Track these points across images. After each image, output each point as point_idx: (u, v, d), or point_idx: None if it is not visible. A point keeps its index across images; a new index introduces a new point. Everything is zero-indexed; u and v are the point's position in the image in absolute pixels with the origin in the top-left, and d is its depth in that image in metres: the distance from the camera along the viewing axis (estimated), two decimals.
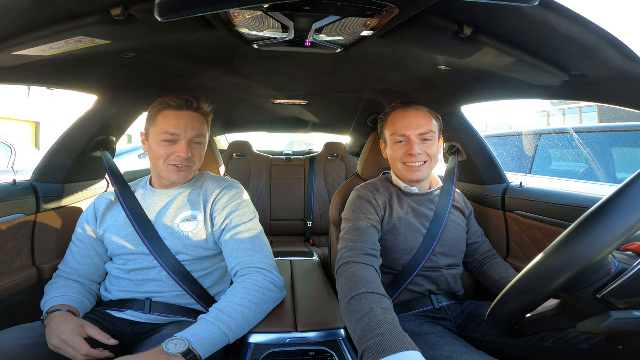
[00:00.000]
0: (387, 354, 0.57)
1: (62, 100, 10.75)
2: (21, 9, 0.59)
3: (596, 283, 0.51)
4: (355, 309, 0.72)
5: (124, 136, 1.46)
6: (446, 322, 1.02)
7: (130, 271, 0.98)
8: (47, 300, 0.92)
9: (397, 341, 0.59)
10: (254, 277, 0.89)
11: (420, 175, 1.06)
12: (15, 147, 3.56)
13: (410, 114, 1.06)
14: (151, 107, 1.02)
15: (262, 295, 0.87)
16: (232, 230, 0.98)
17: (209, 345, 0.75)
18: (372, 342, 0.61)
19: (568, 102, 12.90)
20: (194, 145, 1.00)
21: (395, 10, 0.60)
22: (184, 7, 0.52)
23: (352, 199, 1.09)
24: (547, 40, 0.66)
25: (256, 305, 0.85)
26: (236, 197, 1.04)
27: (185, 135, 0.97)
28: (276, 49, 0.85)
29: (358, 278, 0.80)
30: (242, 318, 0.81)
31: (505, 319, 0.62)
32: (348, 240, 0.96)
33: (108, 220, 1.04)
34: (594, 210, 0.48)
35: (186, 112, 0.98)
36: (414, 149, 1.02)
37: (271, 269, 0.94)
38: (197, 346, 0.72)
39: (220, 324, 0.78)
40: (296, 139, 9.11)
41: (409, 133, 1.04)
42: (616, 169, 2.44)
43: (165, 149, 0.97)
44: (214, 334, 0.76)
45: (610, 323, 0.47)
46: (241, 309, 0.82)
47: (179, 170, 0.99)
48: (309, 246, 2.32)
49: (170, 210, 1.02)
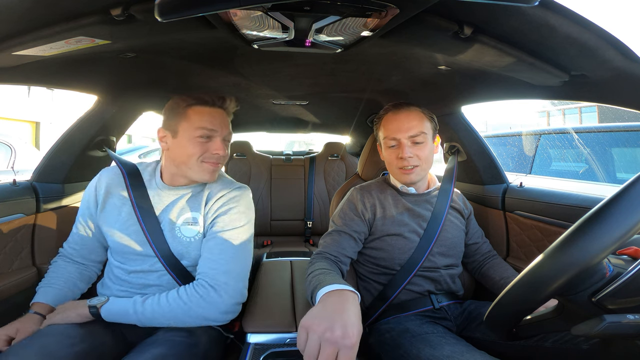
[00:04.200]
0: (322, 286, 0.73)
1: (62, 100, 10.75)
2: (21, 9, 0.59)
3: (591, 287, 0.51)
4: (307, 280, 0.86)
5: (124, 136, 1.46)
6: (446, 322, 1.02)
7: (131, 272, 0.96)
8: (39, 288, 0.98)
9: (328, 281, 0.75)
10: (194, 290, 0.86)
11: (414, 177, 1.06)
12: (15, 147, 3.56)
13: (401, 117, 1.05)
14: (174, 103, 0.97)
15: (188, 311, 0.84)
16: (212, 234, 0.94)
17: (114, 318, 0.85)
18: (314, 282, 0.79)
19: (568, 102, 12.91)
20: (225, 143, 0.98)
21: (395, 10, 0.60)
22: (184, 7, 0.52)
23: (344, 201, 1.13)
24: (547, 40, 0.66)
25: (174, 317, 0.84)
26: (233, 200, 0.99)
27: (221, 131, 0.95)
28: (276, 49, 0.85)
29: (314, 265, 0.90)
30: (156, 319, 0.84)
31: (502, 322, 0.63)
32: (323, 245, 1.02)
33: (109, 209, 0.99)
34: (589, 215, 0.48)
35: (217, 109, 0.97)
36: (405, 152, 1.02)
37: (220, 287, 0.86)
38: (104, 313, 0.85)
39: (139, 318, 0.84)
40: (296, 139, 9.12)
41: (399, 136, 1.04)
42: (616, 169, 2.44)
43: (200, 145, 0.93)
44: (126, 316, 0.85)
45: (603, 326, 0.48)
46: (162, 311, 0.84)
47: (215, 168, 0.96)
48: (309, 246, 2.32)
49: (174, 210, 0.98)
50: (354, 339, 0.58)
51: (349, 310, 0.63)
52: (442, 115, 1.36)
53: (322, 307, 0.65)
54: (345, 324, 0.59)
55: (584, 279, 0.51)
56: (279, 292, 1.07)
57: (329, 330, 0.58)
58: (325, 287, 0.72)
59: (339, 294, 0.69)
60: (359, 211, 1.08)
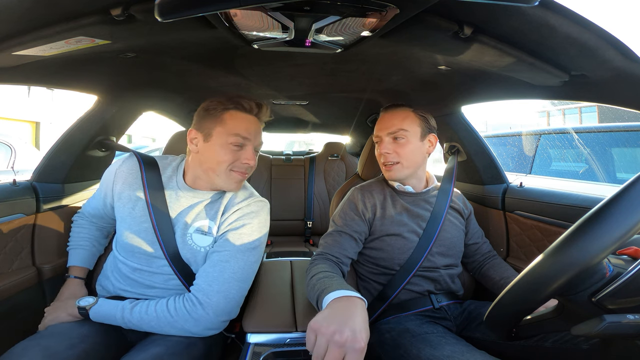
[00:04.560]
0: (328, 292, 0.73)
1: (62, 100, 10.75)
2: (21, 9, 0.59)
3: (591, 287, 0.51)
4: (309, 279, 0.88)
5: (124, 136, 1.46)
6: (446, 321, 1.02)
7: (136, 270, 0.94)
8: (70, 249, 1.10)
9: (334, 286, 0.76)
10: (183, 305, 0.84)
11: (393, 175, 1.07)
12: (15, 147, 3.56)
13: (387, 116, 1.09)
14: (210, 105, 0.93)
15: (173, 323, 0.83)
16: (219, 247, 0.91)
17: (102, 320, 0.86)
18: (318, 287, 0.79)
19: (568, 102, 12.91)
20: (256, 154, 0.96)
21: (395, 10, 0.60)
22: (184, 7, 0.52)
23: (344, 200, 1.14)
24: (547, 40, 0.66)
25: (159, 327, 0.84)
26: (248, 216, 0.95)
27: (254, 141, 0.92)
28: (276, 49, 0.85)
29: (316, 268, 0.92)
30: (141, 326, 0.85)
31: (502, 322, 0.63)
32: (324, 245, 1.03)
33: (124, 201, 0.96)
34: (589, 215, 0.49)
35: (252, 116, 0.93)
36: (382, 148, 1.07)
37: (210, 306, 0.84)
38: (93, 314, 0.86)
39: (126, 323, 0.85)
40: (296, 138, 9.11)
41: (380, 133, 1.09)
42: (616, 169, 2.44)
43: (232, 153, 0.90)
44: (113, 320, 0.85)
45: (603, 326, 0.48)
46: (148, 320, 0.84)
47: (242, 179, 0.94)
48: (309, 246, 2.32)
49: (190, 214, 0.95)
50: (363, 343, 0.59)
51: (357, 315, 0.64)
52: (442, 115, 1.36)
53: (330, 311, 0.66)
54: (354, 328, 0.60)
55: (584, 279, 0.51)
56: (279, 292, 1.07)
57: (337, 332, 0.59)
58: (332, 292, 0.72)
59: (347, 300, 0.69)
60: (360, 211, 1.08)
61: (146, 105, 1.46)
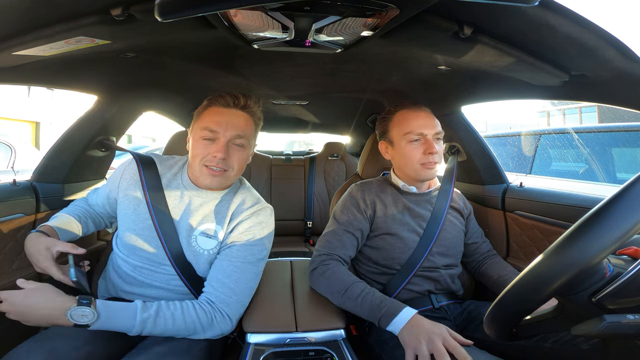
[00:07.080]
0: (397, 313, 0.83)
1: (62, 100, 10.75)
2: (21, 9, 0.59)
3: (591, 287, 0.51)
4: (353, 295, 0.90)
5: (124, 136, 1.46)
6: (446, 321, 1.02)
7: (137, 267, 0.94)
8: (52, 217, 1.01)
9: (395, 304, 0.85)
10: (216, 315, 0.85)
11: (432, 174, 1.08)
12: (15, 147, 3.56)
13: (422, 114, 1.08)
14: (201, 104, 0.96)
15: (200, 332, 0.84)
16: (229, 257, 0.91)
17: (110, 329, 0.77)
18: (384, 310, 0.84)
19: (568, 102, 12.91)
20: (234, 147, 0.91)
21: (395, 10, 0.60)
22: (184, 7, 0.52)
23: (344, 196, 1.14)
24: (547, 40, 0.66)
25: (180, 333, 0.83)
26: (258, 226, 0.95)
27: (224, 133, 0.89)
28: (276, 49, 0.85)
29: (340, 274, 0.96)
30: (157, 330, 0.81)
31: (502, 322, 0.63)
32: (325, 243, 1.05)
33: (127, 203, 0.96)
34: (589, 215, 0.48)
35: (232, 109, 0.91)
36: (434, 148, 1.04)
37: (227, 315, 0.86)
38: (99, 327, 0.76)
39: (146, 332, 0.79)
40: (296, 138, 9.11)
41: (426, 132, 1.05)
42: (616, 169, 2.44)
43: (203, 147, 0.89)
44: (124, 327, 0.77)
45: (603, 326, 0.48)
46: (175, 329, 0.81)
47: (213, 174, 0.90)
48: (309, 246, 2.32)
49: (196, 215, 0.94)
50: (442, 328, 0.76)
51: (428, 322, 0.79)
52: (442, 115, 1.36)
53: (411, 329, 0.79)
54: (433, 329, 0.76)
55: (584, 279, 0.51)
56: (279, 292, 1.07)
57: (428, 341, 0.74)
58: (399, 314, 0.82)
59: (415, 317, 0.81)
60: (361, 207, 1.08)
61: (146, 105, 1.46)
